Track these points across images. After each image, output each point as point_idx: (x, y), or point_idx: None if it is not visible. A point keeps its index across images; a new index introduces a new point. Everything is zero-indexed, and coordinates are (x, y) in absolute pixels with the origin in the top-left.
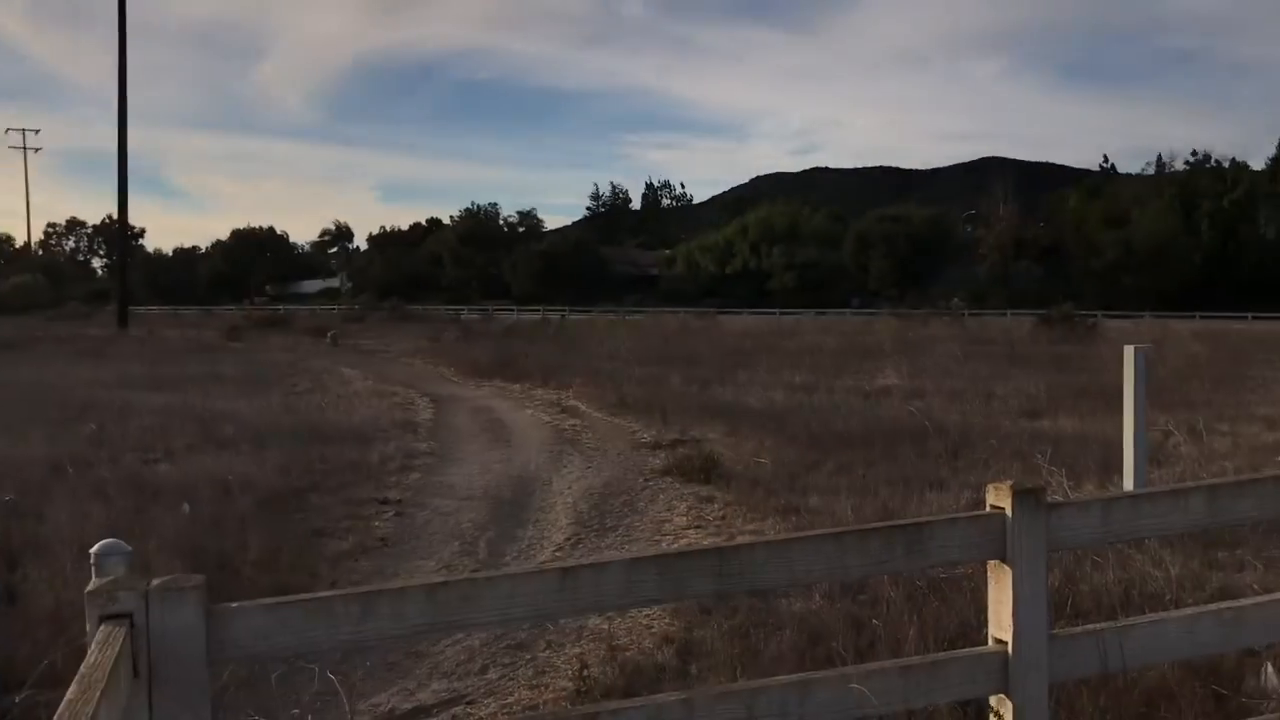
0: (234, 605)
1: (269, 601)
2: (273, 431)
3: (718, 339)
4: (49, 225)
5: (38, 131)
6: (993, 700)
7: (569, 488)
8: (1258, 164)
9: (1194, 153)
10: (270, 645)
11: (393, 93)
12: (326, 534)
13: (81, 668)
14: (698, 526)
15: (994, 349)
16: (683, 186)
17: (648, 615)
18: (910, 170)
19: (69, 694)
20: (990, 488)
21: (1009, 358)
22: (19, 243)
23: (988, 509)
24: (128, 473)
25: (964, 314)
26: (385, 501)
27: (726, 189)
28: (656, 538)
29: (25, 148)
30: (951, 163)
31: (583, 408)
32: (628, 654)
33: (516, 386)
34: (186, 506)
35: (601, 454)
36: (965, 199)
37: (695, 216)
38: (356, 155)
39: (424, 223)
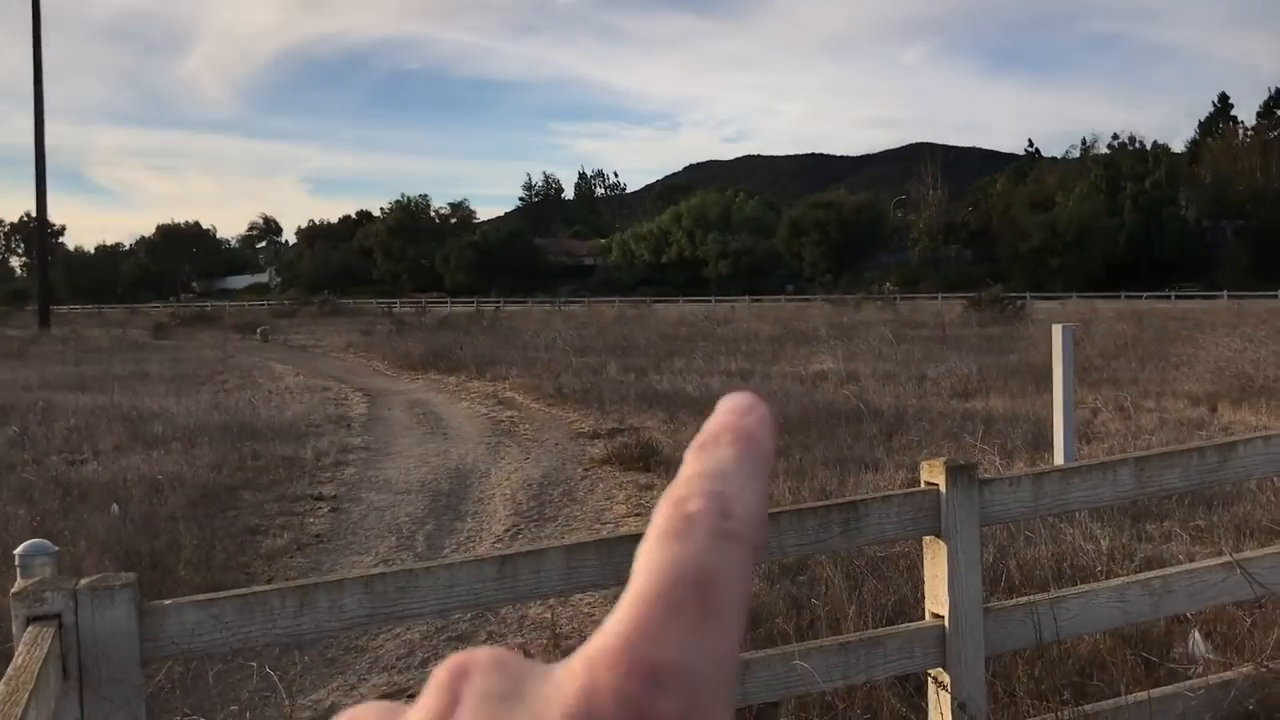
0: (167, 603)
1: (203, 597)
2: (203, 429)
3: (654, 327)
4: None
5: None
6: (931, 673)
7: (507, 479)
8: (1178, 146)
9: (1116, 136)
10: (205, 642)
11: (320, 85)
12: (261, 531)
13: (9, 670)
14: (638, 514)
15: (926, 332)
16: (616, 175)
17: (589, 603)
18: (841, 157)
19: None
20: (924, 465)
21: (941, 340)
22: None
23: (922, 486)
24: (53, 474)
25: (896, 298)
26: (320, 497)
27: (660, 177)
28: (597, 526)
29: None
30: (881, 149)
31: (519, 399)
32: (570, 642)
33: (451, 379)
34: (115, 507)
35: (539, 445)
36: (895, 185)
37: (629, 205)
38: (284, 148)
39: (354, 215)
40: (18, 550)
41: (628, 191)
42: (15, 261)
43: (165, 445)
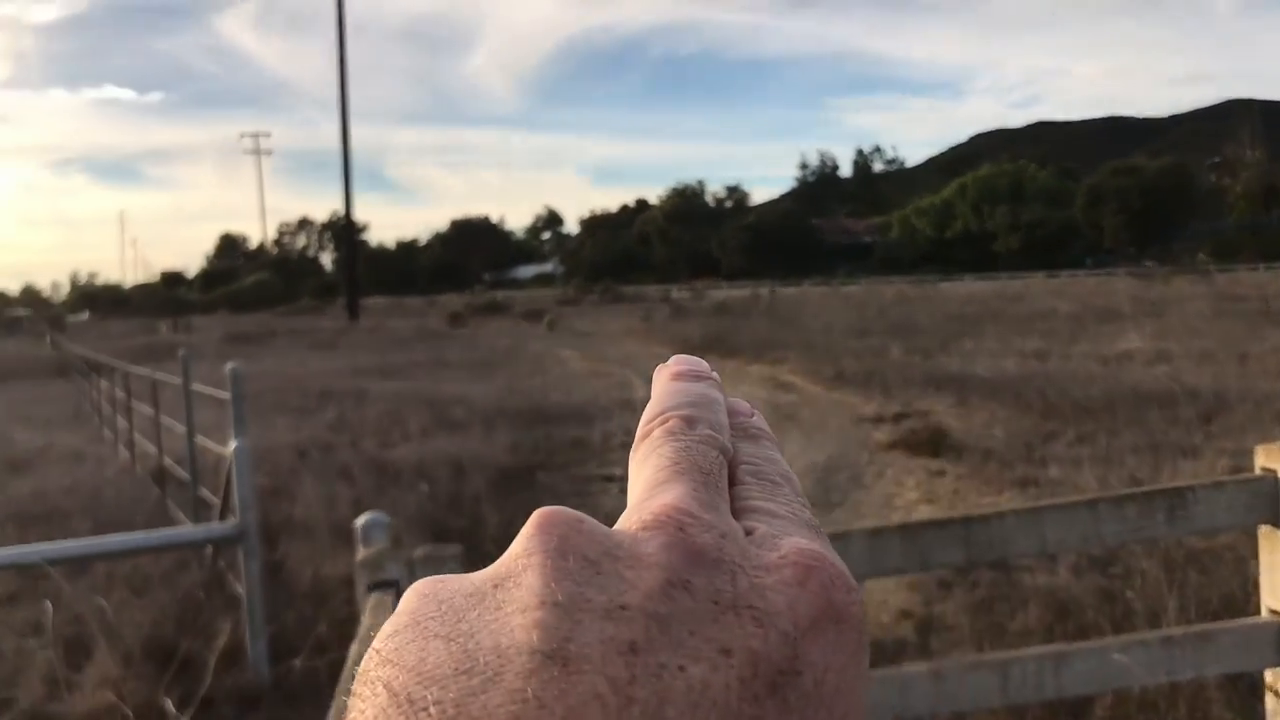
0: None
1: None
2: (500, 413)
3: (938, 307)
4: (281, 224)
5: (269, 135)
6: (1268, 675)
7: (790, 464)
8: None
9: None
10: None
11: (597, 75)
12: None
13: (360, 631)
14: (929, 501)
15: (1247, 306)
16: (895, 150)
17: (881, 589)
18: (1144, 119)
19: (353, 655)
20: (1259, 449)
21: (1265, 314)
22: (254, 242)
23: (1257, 471)
24: (368, 455)
25: (1211, 270)
26: (610, 478)
27: (943, 149)
28: (886, 512)
29: (258, 152)
30: (1189, 108)
31: (798, 382)
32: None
33: (729, 363)
34: (425, 486)
35: (821, 429)
36: (1206, 146)
37: (909, 181)
38: (565, 140)
39: (632, 204)
40: (359, 522)
41: (907, 166)
42: (326, 258)
43: (466, 429)
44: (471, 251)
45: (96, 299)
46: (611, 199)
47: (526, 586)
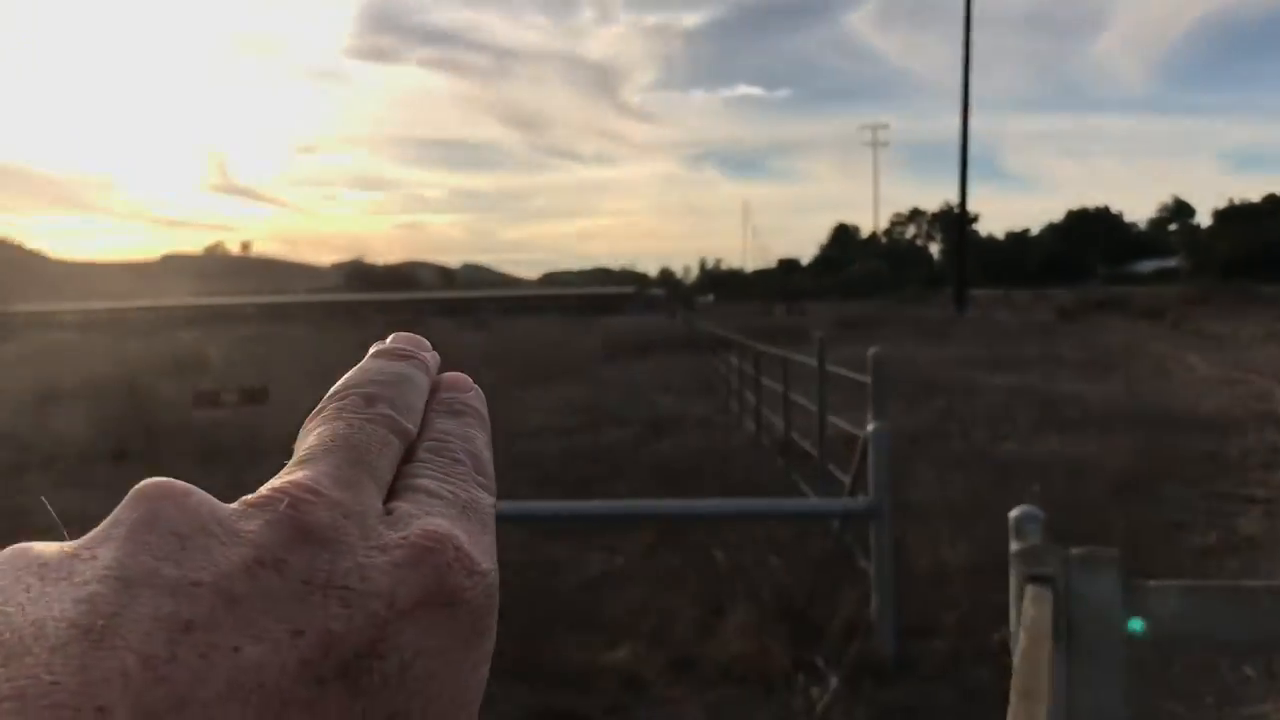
0: (1152, 583)
1: (1187, 584)
2: (1117, 416)
3: None
4: (893, 215)
5: (886, 127)
6: None
7: None
8: None
9: None
10: (1185, 628)
11: (1243, 51)
12: (1185, 527)
13: (1025, 621)
14: None
15: None
16: None
17: None
18: None
19: (1022, 642)
20: None
21: None
22: (865, 232)
23: None
24: (978, 448)
25: None
26: (1251, 499)
27: None
28: None
29: (875, 143)
30: None
31: None
32: None
33: None
34: (1036, 486)
35: None
36: None
37: None
38: (1200, 124)
39: (1278, 194)
40: (1013, 513)
41: None
42: (933, 248)
43: (1080, 429)
44: (1086, 243)
45: (721, 281)
46: (1254, 188)
47: (100, 559)
